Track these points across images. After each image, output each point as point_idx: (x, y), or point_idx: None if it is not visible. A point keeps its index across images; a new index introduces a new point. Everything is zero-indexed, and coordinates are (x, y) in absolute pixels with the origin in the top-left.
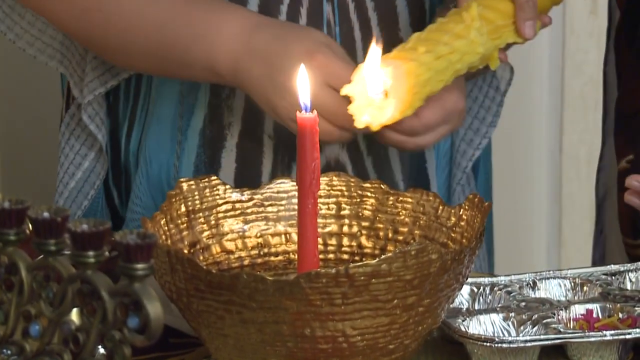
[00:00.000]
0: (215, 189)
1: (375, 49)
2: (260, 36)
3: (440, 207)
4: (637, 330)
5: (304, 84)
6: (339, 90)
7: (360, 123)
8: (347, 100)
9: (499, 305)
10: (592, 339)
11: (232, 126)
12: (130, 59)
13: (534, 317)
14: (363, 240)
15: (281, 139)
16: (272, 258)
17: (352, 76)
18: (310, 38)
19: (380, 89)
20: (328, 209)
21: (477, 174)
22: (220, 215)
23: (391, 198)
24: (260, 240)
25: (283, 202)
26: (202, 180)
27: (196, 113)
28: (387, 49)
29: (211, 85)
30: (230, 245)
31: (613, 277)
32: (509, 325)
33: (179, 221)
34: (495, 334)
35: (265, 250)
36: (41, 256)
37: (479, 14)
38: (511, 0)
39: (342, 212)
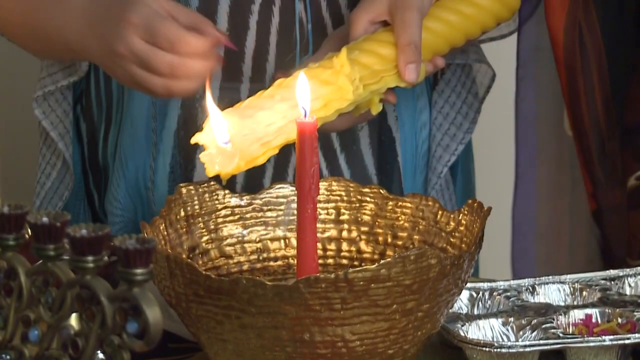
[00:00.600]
0: (214, 194)
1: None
2: (91, 8)
3: (440, 212)
4: (636, 335)
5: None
6: (153, 43)
7: (211, 172)
8: (159, 51)
9: (498, 310)
10: (591, 344)
11: None
12: (13, 36)
13: (533, 322)
14: (362, 245)
15: None
16: (271, 263)
17: (204, 124)
18: (128, 0)
19: (226, 138)
20: (327, 214)
21: (456, 179)
22: (220, 220)
23: (390, 203)
24: (259, 245)
25: (282, 207)
26: (202, 186)
27: (169, 114)
28: None
29: None
30: (229, 250)
31: (612, 282)
32: (508, 330)
33: (178, 226)
34: (495, 339)
35: (265, 255)
36: (40, 261)
37: (354, 59)
38: (395, 45)
39: (342, 217)
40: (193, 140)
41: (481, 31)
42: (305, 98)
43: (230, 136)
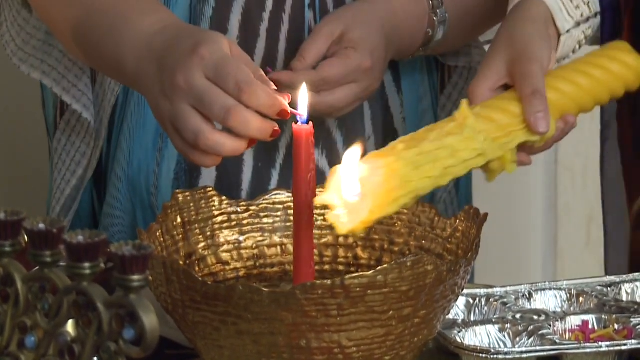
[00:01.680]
0: (211, 200)
1: (354, 149)
2: (160, 38)
3: (436, 218)
4: (633, 341)
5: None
6: (217, 82)
7: (341, 230)
8: (221, 92)
9: (495, 316)
10: (588, 350)
11: None
12: (65, 41)
13: (529, 328)
14: (359, 251)
15: (261, 148)
16: (268, 269)
17: (328, 183)
18: (202, 36)
19: (356, 191)
20: (324, 220)
21: (459, 188)
22: (216, 226)
23: None
24: (256, 251)
25: (279, 214)
26: (198, 192)
27: None
28: None
29: None
30: (226, 257)
31: (609, 288)
32: (504, 337)
33: (175, 232)
34: (491, 345)
35: (261, 261)
36: (37, 268)
37: (477, 113)
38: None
39: None
40: (318, 202)
41: (610, 97)
42: (303, 105)
43: (361, 184)
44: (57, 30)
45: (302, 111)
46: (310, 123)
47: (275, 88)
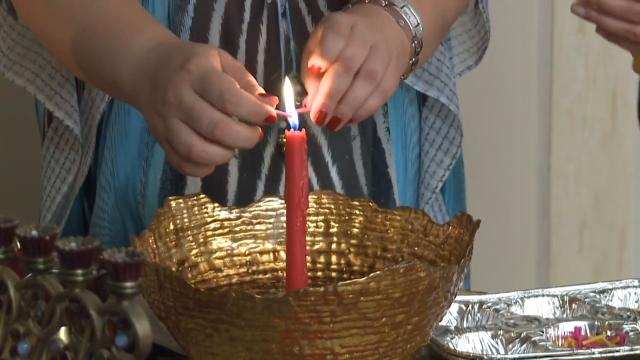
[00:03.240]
0: (203, 207)
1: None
2: (153, 55)
3: (429, 225)
4: (625, 347)
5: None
6: (203, 95)
7: None
8: (208, 105)
9: (488, 323)
10: (581, 357)
11: None
12: (62, 59)
13: (522, 335)
14: (351, 258)
15: (246, 158)
16: (261, 276)
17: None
18: (192, 50)
19: None
20: (317, 226)
21: (444, 191)
22: (209, 233)
23: (380, 216)
24: (248, 258)
25: (271, 220)
26: (191, 199)
27: None
28: None
29: None
30: (218, 263)
31: (601, 295)
32: (497, 343)
33: (168, 239)
34: (484, 352)
35: (254, 268)
36: (29, 274)
37: None
38: None
39: (331, 230)
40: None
41: None
42: (290, 106)
43: None
44: (56, 51)
45: (293, 115)
46: (303, 130)
47: (263, 92)
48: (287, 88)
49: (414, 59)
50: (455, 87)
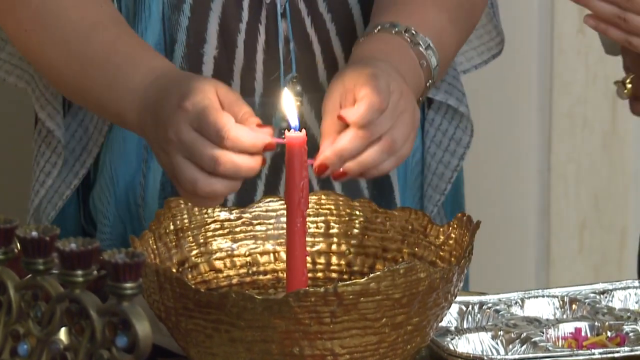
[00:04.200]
0: (203, 207)
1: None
2: (152, 91)
3: (429, 226)
4: (626, 348)
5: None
6: (201, 133)
7: None
8: (207, 142)
9: (488, 324)
10: (581, 358)
11: None
12: (60, 88)
13: (522, 336)
14: (352, 258)
15: None
16: (261, 277)
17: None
18: (188, 86)
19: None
20: (317, 227)
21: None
22: (209, 234)
23: (380, 216)
24: (248, 259)
25: (272, 221)
26: None
27: None
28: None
29: None
30: (218, 264)
31: (601, 296)
32: (497, 344)
33: (168, 240)
34: (484, 353)
35: (254, 269)
36: (29, 275)
37: None
38: None
39: (331, 231)
40: None
41: None
42: (291, 111)
43: None
44: (52, 82)
45: (292, 120)
46: (303, 131)
47: (259, 122)
48: (287, 97)
49: (421, 98)
50: (463, 87)
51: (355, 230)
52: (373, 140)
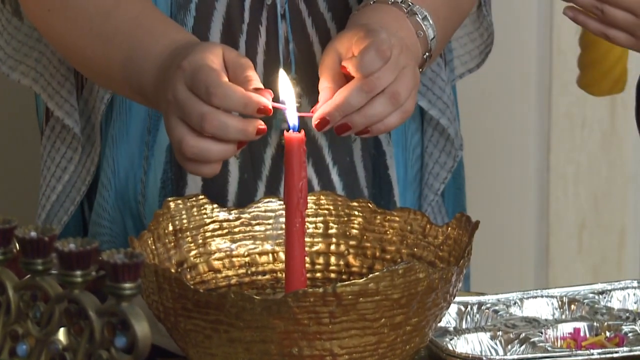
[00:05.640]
0: (202, 207)
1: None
2: (170, 57)
3: (428, 226)
4: (624, 349)
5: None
6: (193, 91)
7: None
8: (197, 100)
9: (487, 324)
10: (580, 358)
11: None
12: (82, 68)
13: (521, 336)
14: (350, 259)
15: (247, 159)
16: (260, 277)
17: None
18: (193, 49)
19: None
20: (315, 227)
21: (444, 193)
22: (208, 234)
23: (378, 217)
24: (247, 259)
25: (270, 221)
26: (190, 200)
27: (161, 129)
28: None
29: None
30: (217, 264)
31: (600, 296)
32: (496, 344)
33: (167, 240)
34: (483, 353)
35: (253, 269)
36: (28, 275)
37: None
38: None
39: (330, 231)
40: None
41: None
42: (291, 106)
43: None
44: (80, 64)
45: (292, 118)
46: (302, 131)
47: (258, 86)
48: (284, 82)
49: (421, 70)
50: (451, 96)
51: (354, 231)
52: (378, 93)
